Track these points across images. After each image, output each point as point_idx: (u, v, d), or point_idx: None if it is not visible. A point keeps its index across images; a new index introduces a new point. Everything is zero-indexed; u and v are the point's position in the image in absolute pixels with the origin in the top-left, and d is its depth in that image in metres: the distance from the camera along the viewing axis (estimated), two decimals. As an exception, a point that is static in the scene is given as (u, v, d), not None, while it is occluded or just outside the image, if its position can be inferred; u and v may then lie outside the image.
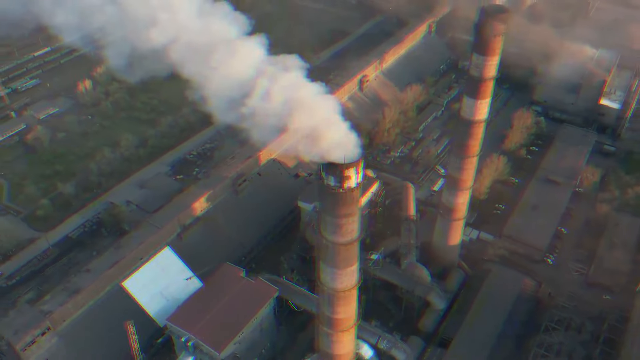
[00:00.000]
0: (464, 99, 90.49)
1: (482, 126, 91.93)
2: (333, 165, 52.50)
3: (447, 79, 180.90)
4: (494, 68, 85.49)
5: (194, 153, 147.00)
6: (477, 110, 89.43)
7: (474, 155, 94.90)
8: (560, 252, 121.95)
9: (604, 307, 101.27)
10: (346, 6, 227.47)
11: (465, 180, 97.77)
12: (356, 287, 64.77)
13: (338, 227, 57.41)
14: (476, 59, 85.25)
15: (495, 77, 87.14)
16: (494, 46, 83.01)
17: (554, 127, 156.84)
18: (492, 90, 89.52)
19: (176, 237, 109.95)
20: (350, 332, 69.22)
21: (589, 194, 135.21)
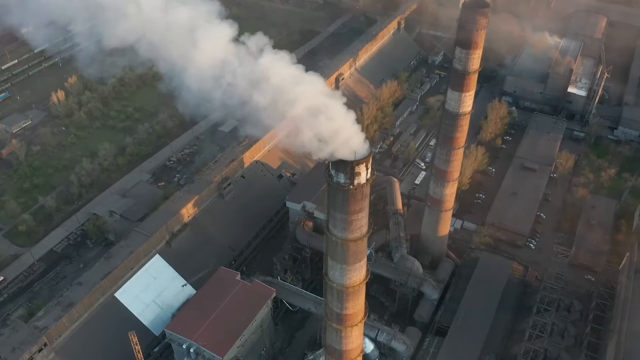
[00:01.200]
0: (449, 92, 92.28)
1: (468, 118, 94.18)
2: (343, 162, 53.32)
3: (419, 74, 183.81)
4: (478, 61, 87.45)
5: (174, 159, 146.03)
6: (463, 102, 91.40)
7: (460, 147, 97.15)
8: (541, 236, 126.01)
9: (589, 286, 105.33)
10: (313, 6, 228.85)
11: (452, 172, 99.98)
12: (365, 282, 65.90)
13: (348, 223, 58.32)
14: (459, 52, 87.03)
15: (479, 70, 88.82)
16: (477, 40, 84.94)
17: (525, 117, 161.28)
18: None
19: (165, 244, 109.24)
20: (359, 327, 70.27)
21: (564, 179, 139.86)
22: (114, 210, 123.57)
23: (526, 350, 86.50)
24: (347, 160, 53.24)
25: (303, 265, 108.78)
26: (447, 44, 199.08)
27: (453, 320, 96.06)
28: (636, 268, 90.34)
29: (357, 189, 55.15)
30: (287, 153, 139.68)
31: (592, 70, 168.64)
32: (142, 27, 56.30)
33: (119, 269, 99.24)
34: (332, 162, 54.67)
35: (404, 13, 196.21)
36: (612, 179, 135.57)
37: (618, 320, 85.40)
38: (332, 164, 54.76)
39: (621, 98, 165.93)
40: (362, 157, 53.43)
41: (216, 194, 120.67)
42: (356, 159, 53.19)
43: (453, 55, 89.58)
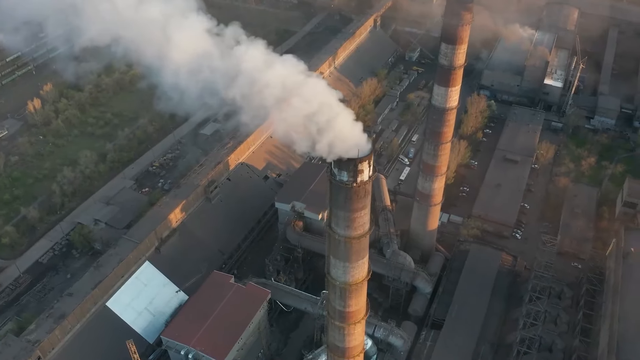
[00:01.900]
0: (435, 88, 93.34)
1: (454, 113, 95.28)
2: (346, 161, 53.40)
3: (397, 71, 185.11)
4: (463, 56, 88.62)
5: (156, 164, 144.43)
6: (449, 97, 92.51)
7: (447, 142, 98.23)
8: (526, 226, 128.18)
9: (577, 273, 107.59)
10: (288, 6, 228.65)
11: (440, 166, 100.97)
12: (367, 279, 66.15)
13: (351, 221, 58.41)
14: (445, 48, 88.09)
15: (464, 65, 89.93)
16: (463, 35, 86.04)
17: (503, 109, 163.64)
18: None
19: (154, 250, 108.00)
20: (362, 324, 70.50)
21: (545, 169, 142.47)
22: (98, 218, 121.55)
23: (522, 338, 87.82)
24: (351, 159, 53.26)
25: (295, 265, 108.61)
26: (423, 40, 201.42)
27: (448, 313, 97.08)
28: (624, 253, 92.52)
29: (360, 186, 55.36)
30: (272, 154, 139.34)
31: (567, 61, 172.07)
32: (118, 26, 55.36)
33: (110, 278, 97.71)
34: (334, 161, 54.60)
35: (380, 11, 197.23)
36: (592, 167, 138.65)
37: (609, 305, 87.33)
38: (334, 162, 54.70)
39: (596, 88, 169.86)
40: (365, 154, 53.56)
41: (203, 197, 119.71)
42: (359, 157, 53.23)
43: (430, 51, 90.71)
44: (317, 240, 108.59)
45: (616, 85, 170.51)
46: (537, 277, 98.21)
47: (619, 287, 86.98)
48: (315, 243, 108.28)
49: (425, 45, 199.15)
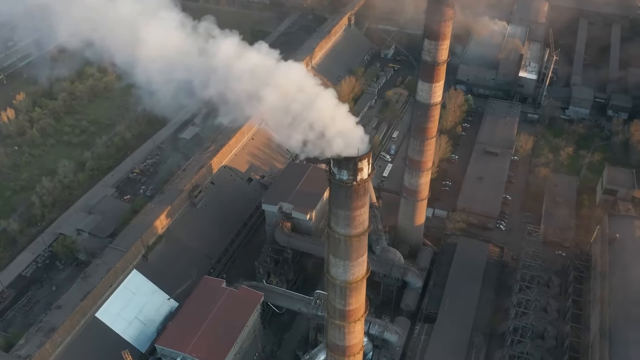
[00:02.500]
0: (419, 84, 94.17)
1: (439, 108, 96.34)
2: (346, 159, 53.46)
3: (374, 69, 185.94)
4: (446, 52, 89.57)
5: (137, 171, 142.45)
6: (433, 93, 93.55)
7: (432, 137, 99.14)
8: (510, 217, 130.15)
9: (562, 261, 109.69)
10: (260, 7, 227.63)
11: (426, 162, 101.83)
12: (366, 276, 66.34)
13: (351, 219, 58.50)
14: (428, 44, 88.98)
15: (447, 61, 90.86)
16: (445, 31, 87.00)
17: (480, 103, 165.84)
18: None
19: (141, 258, 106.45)
20: (361, 322, 70.68)
21: (524, 161, 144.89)
22: (81, 228, 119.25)
23: (515, 327, 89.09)
24: (350, 157, 53.36)
25: (285, 266, 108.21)
26: (397, 37, 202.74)
27: (440, 306, 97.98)
28: (609, 239, 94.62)
29: (360, 184, 55.48)
30: (254, 156, 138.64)
31: (540, 53, 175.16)
32: (91, 28, 54.29)
33: (98, 288, 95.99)
34: (334, 160, 54.62)
35: (353, 9, 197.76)
36: (571, 156, 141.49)
37: (598, 290, 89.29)
38: (334, 162, 54.73)
39: (568, 79, 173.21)
40: (364, 152, 53.71)
41: (187, 202, 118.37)
42: (360, 155, 53.36)
43: (404, 48, 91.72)
44: (306, 241, 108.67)
45: (588, 75, 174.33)
46: (525, 267, 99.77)
47: (607, 272, 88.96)
48: (304, 243, 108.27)
49: (399, 42, 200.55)
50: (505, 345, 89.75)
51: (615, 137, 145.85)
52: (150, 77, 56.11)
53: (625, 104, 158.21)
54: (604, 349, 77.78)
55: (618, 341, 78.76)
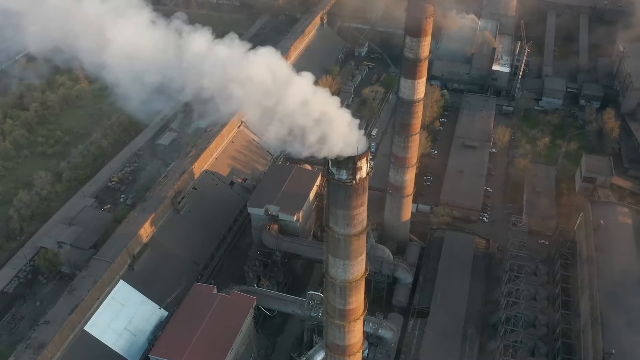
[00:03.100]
0: (402, 81, 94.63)
1: (422, 104, 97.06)
2: (345, 159, 53.38)
3: (349, 67, 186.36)
4: (428, 48, 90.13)
5: (115, 179, 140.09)
6: (416, 89, 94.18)
7: (416, 133, 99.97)
8: (492, 209, 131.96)
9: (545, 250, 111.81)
10: (230, 9, 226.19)
11: (410, 158, 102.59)
12: (365, 275, 66.46)
13: (351, 219, 58.43)
14: (410, 41, 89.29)
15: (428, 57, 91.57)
16: (426, 27, 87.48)
17: (455, 98, 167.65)
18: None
19: (128, 268, 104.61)
20: (361, 320, 70.80)
21: (503, 153, 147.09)
22: (62, 240, 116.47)
23: (507, 317, 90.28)
24: (350, 156, 53.33)
25: (275, 269, 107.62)
26: (370, 35, 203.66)
27: (432, 300, 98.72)
28: (594, 226, 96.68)
29: (359, 183, 55.53)
30: (235, 159, 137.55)
31: (511, 47, 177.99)
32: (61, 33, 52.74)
33: (86, 301, 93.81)
34: (332, 160, 54.50)
35: (325, 8, 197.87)
36: (547, 146, 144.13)
37: (585, 276, 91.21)
38: (332, 161, 54.61)
39: (540, 70, 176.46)
40: (363, 151, 53.78)
41: (171, 209, 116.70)
42: (359, 154, 53.38)
43: (377, 45, 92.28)
44: (294, 242, 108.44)
45: (559, 66, 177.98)
46: (512, 257, 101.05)
47: (594, 258, 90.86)
48: (293, 245, 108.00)
49: (372, 40, 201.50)
50: (498, 336, 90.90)
51: (589, 125, 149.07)
52: (123, 81, 54.70)
53: (597, 93, 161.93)
54: (596, 334, 79.45)
55: (609, 325, 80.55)
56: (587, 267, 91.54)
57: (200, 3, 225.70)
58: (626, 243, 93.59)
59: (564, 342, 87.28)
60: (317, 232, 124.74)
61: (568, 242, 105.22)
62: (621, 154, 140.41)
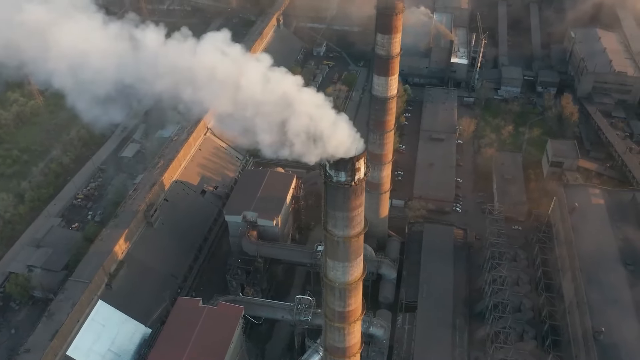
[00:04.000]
0: (375, 78, 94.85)
1: (395, 101, 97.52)
2: (343, 161, 52.91)
3: (310, 67, 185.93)
4: (399, 44, 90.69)
5: (81, 196, 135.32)
6: (390, 86, 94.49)
7: (391, 130, 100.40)
8: (464, 199, 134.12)
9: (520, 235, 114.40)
10: (182, 14, 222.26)
11: (386, 154, 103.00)
12: (364, 275, 66.28)
13: (350, 220, 57.99)
14: (382, 38, 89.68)
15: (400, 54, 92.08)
16: (397, 24, 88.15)
17: (417, 92, 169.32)
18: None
19: (105, 287, 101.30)
20: (360, 321, 70.58)
21: (469, 143, 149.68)
22: (32, 264, 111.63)
23: (494, 304, 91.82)
24: (348, 158, 52.90)
25: (258, 276, 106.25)
26: (326, 34, 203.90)
27: (419, 294, 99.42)
28: (569, 209, 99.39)
29: (357, 184, 55.18)
30: (204, 167, 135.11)
31: (467, 39, 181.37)
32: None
33: (66, 325, 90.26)
34: (330, 163, 53.90)
35: (280, 9, 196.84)
36: (512, 134, 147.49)
37: (565, 259, 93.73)
38: (330, 164, 54.01)
39: (496, 60, 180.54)
40: (361, 151, 53.48)
41: (144, 223, 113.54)
42: (357, 155, 53.01)
43: (334, 44, 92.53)
44: (275, 247, 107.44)
45: (513, 55, 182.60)
46: (492, 245, 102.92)
47: (573, 240, 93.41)
48: (274, 250, 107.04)
49: (329, 39, 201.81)
50: (486, 323, 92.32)
51: (549, 111, 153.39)
52: (76, 92, 52.51)
53: (553, 79, 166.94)
54: (584, 314, 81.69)
55: (594, 304, 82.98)
56: (566, 249, 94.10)
57: (152, 10, 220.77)
58: (601, 223, 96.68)
59: (551, 325, 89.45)
60: (294, 236, 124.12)
61: (543, 226, 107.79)
62: (582, 137, 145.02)
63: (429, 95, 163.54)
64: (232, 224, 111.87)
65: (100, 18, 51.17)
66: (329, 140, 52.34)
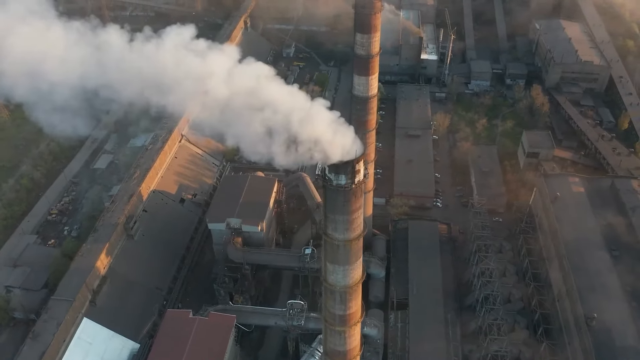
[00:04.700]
0: (355, 78, 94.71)
1: (376, 100, 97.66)
2: (344, 163, 52.38)
3: (281, 69, 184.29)
4: (378, 43, 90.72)
5: (55, 212, 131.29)
6: (370, 85, 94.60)
7: (373, 129, 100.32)
8: (443, 194, 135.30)
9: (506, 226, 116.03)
10: (146, 20, 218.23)
11: (369, 154, 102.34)
12: (363, 277, 65.95)
13: (350, 223, 57.49)
14: (361, 38, 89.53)
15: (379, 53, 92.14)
16: (376, 23, 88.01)
17: (389, 89, 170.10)
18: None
19: (90, 304, 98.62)
20: (359, 324, 70.20)
21: (444, 138, 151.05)
22: (10, 284, 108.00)
23: (485, 296, 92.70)
24: (348, 160, 52.44)
25: (246, 283, 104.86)
26: (294, 35, 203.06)
27: (409, 291, 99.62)
28: (551, 198, 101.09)
29: (358, 186, 54.78)
30: (181, 175, 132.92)
31: (434, 34, 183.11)
32: None
33: (52, 346, 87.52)
34: (330, 166, 53.32)
35: (247, 11, 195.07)
36: (486, 127, 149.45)
37: (551, 248, 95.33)
38: (330, 168, 53.42)
39: (464, 55, 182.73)
40: (361, 153, 53.10)
41: (124, 236, 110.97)
42: (356, 157, 52.60)
43: (303, 44, 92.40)
44: (262, 253, 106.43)
45: (481, 49, 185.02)
46: (477, 238, 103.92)
47: (557, 229, 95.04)
48: (261, 256, 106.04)
49: (298, 40, 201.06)
50: (478, 316, 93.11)
51: (520, 103, 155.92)
52: (42, 104, 50.73)
53: (521, 71, 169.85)
54: (574, 301, 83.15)
55: (584, 291, 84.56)
56: (552, 238, 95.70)
57: (114, 17, 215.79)
58: (583, 211, 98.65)
59: (542, 313, 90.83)
60: (279, 240, 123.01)
61: (525, 216, 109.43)
62: (553, 127, 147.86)
63: (401, 92, 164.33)
64: (215, 232, 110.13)
65: (61, 25, 49.38)
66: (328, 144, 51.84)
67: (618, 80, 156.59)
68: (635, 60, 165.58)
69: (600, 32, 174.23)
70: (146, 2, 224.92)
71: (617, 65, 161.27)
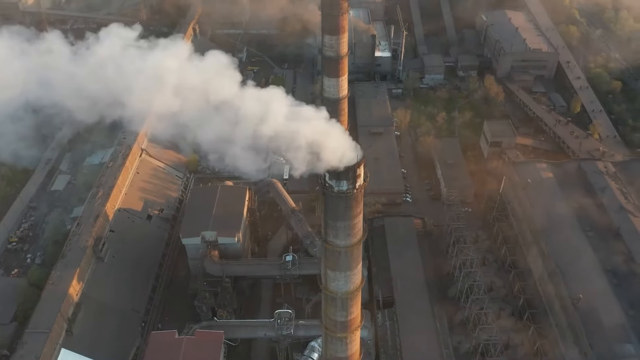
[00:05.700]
0: (325, 80, 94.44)
1: (347, 101, 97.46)
2: (345, 169, 51.80)
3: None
4: (346, 44, 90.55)
5: (15, 240, 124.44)
6: (341, 87, 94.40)
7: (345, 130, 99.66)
8: (412, 189, 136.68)
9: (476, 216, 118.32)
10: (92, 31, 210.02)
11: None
12: (363, 282, 65.57)
13: (350, 228, 56.87)
14: (329, 40, 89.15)
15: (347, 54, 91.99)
16: (344, 24, 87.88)
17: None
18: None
19: (66, 334, 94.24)
20: (359, 329, 69.79)
21: (406, 134, 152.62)
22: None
23: (469, 286, 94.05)
24: (349, 166, 51.96)
25: (227, 296, 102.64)
26: (244, 39, 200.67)
27: (394, 289, 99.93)
28: (523, 185, 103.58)
29: (359, 191, 54.37)
30: (145, 190, 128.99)
31: (385, 32, 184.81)
32: None
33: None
34: (330, 173, 52.67)
35: (194, 18, 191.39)
36: (445, 120, 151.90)
37: (527, 234, 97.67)
38: (330, 174, 52.77)
39: (415, 50, 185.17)
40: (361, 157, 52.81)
41: (94, 259, 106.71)
42: (357, 161, 52.24)
43: (254, 48, 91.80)
44: (241, 264, 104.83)
45: (431, 43, 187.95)
46: (455, 230, 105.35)
47: (532, 215, 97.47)
48: (240, 267, 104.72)
49: (248, 44, 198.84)
50: (463, 307, 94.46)
51: (475, 94, 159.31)
52: None
53: (472, 63, 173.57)
54: (558, 284, 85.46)
55: (566, 272, 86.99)
56: (527, 224, 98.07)
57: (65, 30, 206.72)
58: (555, 195, 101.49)
59: (525, 299, 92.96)
60: (254, 249, 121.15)
61: (496, 204, 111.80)
62: (509, 115, 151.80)
63: (359, 90, 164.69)
64: (190, 247, 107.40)
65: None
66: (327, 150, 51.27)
67: (566, 66, 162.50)
68: (579, 44, 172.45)
69: (544, 20, 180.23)
70: (87, 15, 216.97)
71: (563, 51, 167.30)
